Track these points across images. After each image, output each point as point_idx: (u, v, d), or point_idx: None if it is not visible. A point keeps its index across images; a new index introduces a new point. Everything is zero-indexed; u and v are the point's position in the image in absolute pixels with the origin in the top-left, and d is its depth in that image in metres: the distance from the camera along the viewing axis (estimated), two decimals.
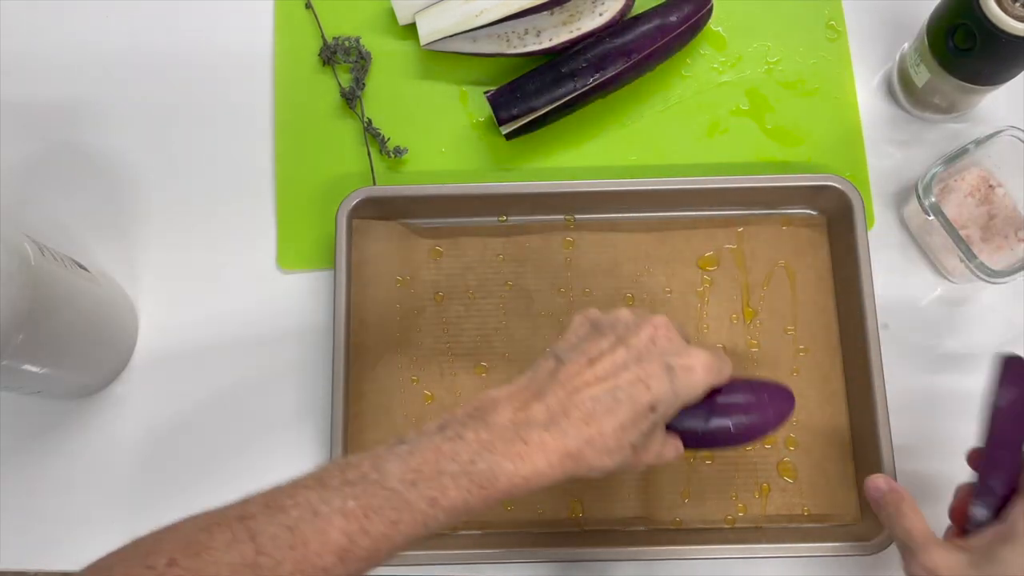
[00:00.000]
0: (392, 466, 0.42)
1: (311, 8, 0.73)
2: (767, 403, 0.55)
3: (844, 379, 0.64)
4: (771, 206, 0.68)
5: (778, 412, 0.55)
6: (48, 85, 0.72)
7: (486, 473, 0.42)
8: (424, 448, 0.43)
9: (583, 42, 0.68)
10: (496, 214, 0.68)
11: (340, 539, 0.40)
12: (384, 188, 0.67)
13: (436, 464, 0.42)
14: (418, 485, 0.41)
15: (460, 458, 0.42)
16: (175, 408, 0.65)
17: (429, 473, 0.42)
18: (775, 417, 0.55)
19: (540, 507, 0.62)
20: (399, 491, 0.41)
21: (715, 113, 0.71)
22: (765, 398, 0.55)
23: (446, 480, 0.42)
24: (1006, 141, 0.63)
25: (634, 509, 0.62)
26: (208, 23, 0.74)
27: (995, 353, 0.52)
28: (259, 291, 0.67)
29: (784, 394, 0.55)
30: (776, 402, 0.55)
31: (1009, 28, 0.57)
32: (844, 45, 0.73)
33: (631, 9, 0.70)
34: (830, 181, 0.65)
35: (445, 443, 0.43)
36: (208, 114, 0.71)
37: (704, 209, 0.68)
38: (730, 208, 0.68)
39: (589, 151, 0.70)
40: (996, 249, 0.66)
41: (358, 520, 0.40)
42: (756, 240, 0.67)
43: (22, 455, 0.64)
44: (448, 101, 0.72)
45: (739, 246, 0.67)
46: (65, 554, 0.62)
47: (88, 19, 0.73)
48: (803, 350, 0.65)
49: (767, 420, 0.55)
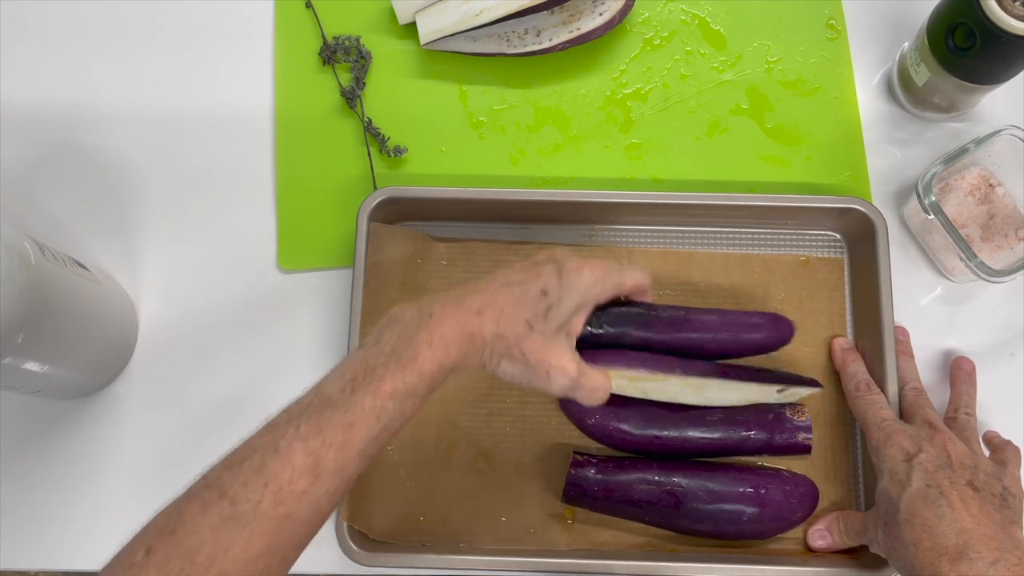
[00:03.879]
0: (328, 386, 0.46)
1: (311, 8, 0.73)
2: (785, 499, 0.60)
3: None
4: (792, 226, 0.67)
5: (803, 510, 0.61)
6: (48, 86, 0.72)
7: (406, 352, 0.47)
8: (352, 360, 0.47)
9: None
10: (515, 221, 0.67)
11: (306, 459, 0.42)
12: (405, 189, 0.66)
13: (365, 366, 0.46)
14: (357, 389, 0.45)
15: (383, 351, 0.47)
16: (175, 408, 0.65)
17: (362, 375, 0.45)
18: (794, 513, 0.60)
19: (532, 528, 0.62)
20: (342, 399, 0.45)
21: (715, 113, 0.71)
22: (789, 492, 0.60)
23: (379, 372, 0.46)
24: (1006, 140, 0.63)
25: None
26: (208, 23, 0.74)
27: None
28: (259, 291, 0.67)
29: (805, 490, 0.61)
30: (798, 499, 0.60)
31: (1009, 27, 0.57)
32: (844, 44, 0.73)
33: (631, 10, 0.70)
34: (854, 204, 0.65)
35: (368, 350, 0.47)
36: (208, 114, 0.71)
37: (724, 224, 0.67)
38: (750, 224, 0.67)
39: (589, 149, 0.71)
40: (996, 248, 0.66)
41: (315, 438, 0.43)
42: (774, 277, 0.66)
43: (22, 455, 0.64)
44: (448, 101, 0.72)
45: (758, 281, 0.66)
46: (65, 554, 0.62)
47: (87, 20, 0.73)
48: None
49: (786, 517, 0.60)
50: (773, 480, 0.60)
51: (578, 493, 0.60)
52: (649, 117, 0.71)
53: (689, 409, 0.61)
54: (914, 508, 0.52)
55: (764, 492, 0.60)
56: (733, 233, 0.67)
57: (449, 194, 0.66)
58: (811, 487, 0.61)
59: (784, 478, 0.61)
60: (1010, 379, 0.66)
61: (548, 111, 0.71)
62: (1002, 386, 0.65)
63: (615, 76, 0.72)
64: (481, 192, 0.66)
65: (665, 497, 0.59)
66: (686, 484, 0.60)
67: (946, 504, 0.51)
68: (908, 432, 0.57)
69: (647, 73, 0.72)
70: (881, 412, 0.59)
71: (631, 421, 0.61)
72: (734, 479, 0.60)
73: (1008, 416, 0.64)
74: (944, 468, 0.53)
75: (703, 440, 0.61)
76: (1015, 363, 0.66)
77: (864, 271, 0.65)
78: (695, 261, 0.67)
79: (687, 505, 0.59)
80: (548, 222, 0.67)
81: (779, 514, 0.60)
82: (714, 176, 0.70)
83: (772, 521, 0.60)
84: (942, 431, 0.57)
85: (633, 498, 0.60)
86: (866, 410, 0.59)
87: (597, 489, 0.60)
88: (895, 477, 0.54)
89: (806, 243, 0.67)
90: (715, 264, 0.67)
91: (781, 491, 0.60)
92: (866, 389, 0.61)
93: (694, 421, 0.61)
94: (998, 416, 0.64)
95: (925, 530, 0.51)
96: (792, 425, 0.61)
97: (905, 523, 0.52)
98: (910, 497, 0.52)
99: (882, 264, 0.63)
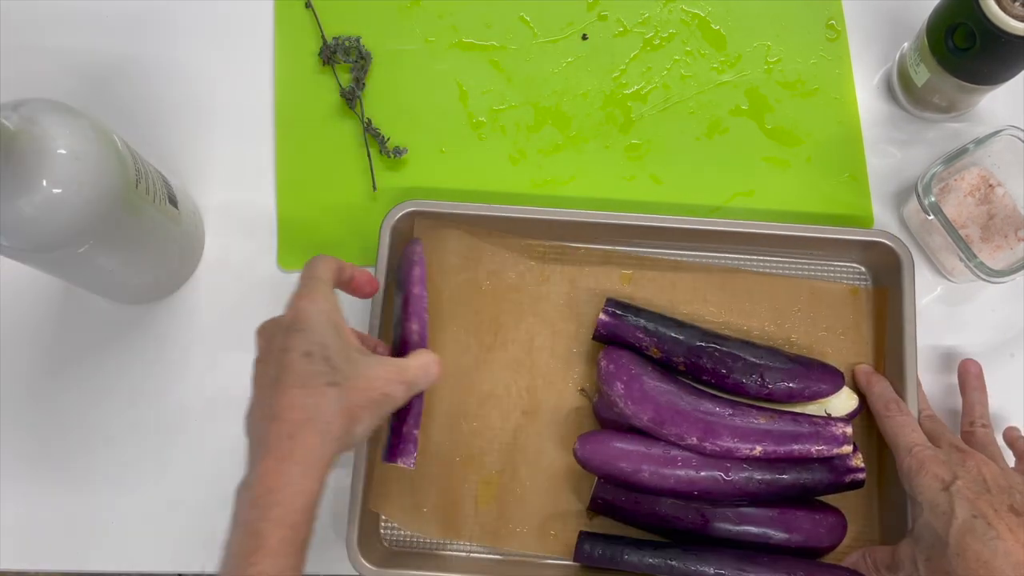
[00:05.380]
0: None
1: (311, 8, 0.73)
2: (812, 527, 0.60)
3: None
4: (816, 257, 0.66)
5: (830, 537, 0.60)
6: (46, 82, 0.72)
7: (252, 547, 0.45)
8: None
9: None
10: (542, 238, 0.66)
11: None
12: (433, 203, 0.65)
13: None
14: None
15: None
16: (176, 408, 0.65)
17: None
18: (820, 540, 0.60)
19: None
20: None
21: (715, 113, 0.71)
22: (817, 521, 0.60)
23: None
24: (1006, 141, 0.63)
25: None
26: (208, 23, 0.73)
27: None
28: (259, 291, 0.67)
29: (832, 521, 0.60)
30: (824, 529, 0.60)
31: (1009, 28, 0.57)
32: (844, 45, 0.73)
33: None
34: (881, 238, 0.64)
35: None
36: (208, 113, 0.71)
37: (750, 253, 0.67)
38: (775, 252, 0.67)
39: (589, 150, 0.71)
40: (996, 248, 0.66)
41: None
42: (812, 305, 0.66)
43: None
44: (448, 101, 0.72)
45: (797, 307, 0.66)
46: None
47: (87, 19, 0.73)
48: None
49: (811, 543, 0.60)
50: (802, 508, 0.60)
51: (605, 503, 0.60)
52: (649, 117, 0.71)
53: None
54: (965, 543, 0.51)
55: (792, 520, 0.59)
56: (746, 260, 0.67)
57: (478, 211, 0.65)
58: (839, 517, 0.60)
59: (813, 507, 0.60)
60: (1010, 379, 0.66)
61: (548, 111, 0.71)
62: (1002, 386, 0.65)
63: (615, 76, 0.72)
64: (514, 210, 0.65)
65: (692, 514, 0.59)
66: (713, 507, 0.59)
67: (996, 536, 0.50)
68: (940, 458, 0.56)
69: (647, 73, 0.72)
70: (912, 436, 0.58)
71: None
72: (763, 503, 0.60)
73: (1008, 416, 0.64)
74: (983, 494, 0.53)
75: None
76: (1015, 363, 0.66)
77: (888, 302, 0.64)
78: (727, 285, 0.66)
79: (713, 524, 0.59)
80: (572, 240, 0.67)
81: (807, 543, 0.59)
82: (714, 176, 0.70)
83: (800, 547, 0.59)
84: (971, 453, 0.56)
85: (660, 513, 0.59)
86: (896, 432, 0.58)
87: (624, 499, 0.60)
88: (936, 509, 0.53)
89: (825, 271, 0.67)
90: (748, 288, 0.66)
91: (810, 520, 0.59)
92: (896, 409, 0.59)
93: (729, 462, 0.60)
94: (998, 416, 0.64)
95: (980, 565, 0.50)
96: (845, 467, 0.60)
97: (956, 557, 0.51)
98: (958, 531, 0.51)
99: (907, 298, 0.62)
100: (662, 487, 0.58)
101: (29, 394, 0.65)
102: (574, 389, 0.64)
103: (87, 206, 0.51)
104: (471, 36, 0.73)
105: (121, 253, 0.57)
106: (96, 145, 0.51)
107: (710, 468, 0.58)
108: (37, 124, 0.49)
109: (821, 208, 0.69)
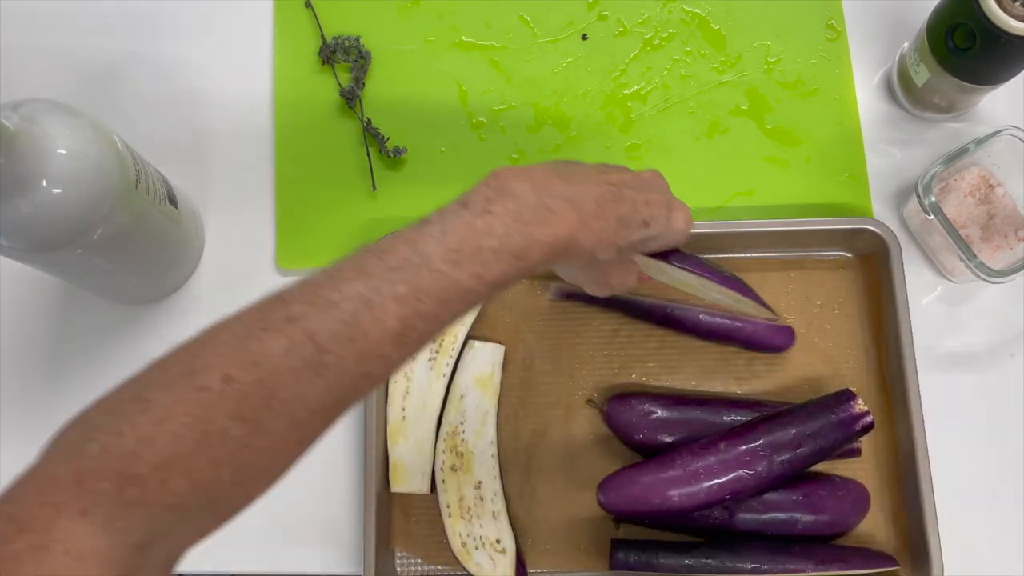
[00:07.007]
0: (431, 247, 0.41)
1: (311, 8, 0.73)
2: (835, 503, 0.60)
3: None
4: (805, 248, 0.67)
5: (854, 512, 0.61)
6: (46, 82, 0.72)
7: (521, 245, 0.43)
8: (455, 225, 0.42)
9: None
10: None
11: (396, 325, 0.40)
12: None
13: (474, 241, 0.42)
14: (462, 264, 0.41)
15: (495, 232, 0.42)
16: None
17: (470, 251, 0.42)
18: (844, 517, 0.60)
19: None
20: (445, 272, 0.41)
21: (715, 113, 0.71)
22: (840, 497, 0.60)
23: (487, 255, 0.42)
24: (1006, 141, 0.63)
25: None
26: (208, 23, 0.73)
27: None
28: (259, 291, 0.67)
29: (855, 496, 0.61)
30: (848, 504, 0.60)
31: (1009, 28, 0.57)
32: (844, 45, 0.73)
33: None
34: (867, 225, 0.64)
35: (477, 219, 0.43)
36: (208, 114, 0.71)
37: (736, 252, 0.67)
38: (764, 250, 0.67)
39: (589, 150, 0.70)
40: (996, 249, 0.66)
41: (411, 304, 0.40)
42: (802, 284, 0.66)
43: None
44: (448, 101, 0.72)
45: (789, 288, 0.66)
46: None
47: (87, 19, 0.73)
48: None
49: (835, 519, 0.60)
50: (825, 487, 0.60)
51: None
52: (649, 117, 0.71)
53: (736, 421, 0.61)
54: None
55: (817, 500, 0.59)
56: (743, 259, 0.67)
57: None
58: (862, 490, 0.61)
59: (836, 484, 0.61)
60: (1010, 379, 0.66)
61: (548, 111, 0.71)
62: (1002, 386, 0.65)
63: (615, 76, 0.72)
64: None
65: (719, 510, 0.59)
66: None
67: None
68: None
69: (647, 73, 0.72)
70: None
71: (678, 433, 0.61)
72: (786, 486, 0.60)
73: (1008, 416, 0.64)
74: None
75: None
76: (1015, 363, 0.66)
77: (878, 289, 0.65)
78: None
79: (739, 516, 0.59)
80: None
81: (834, 521, 0.59)
82: (714, 177, 0.70)
83: (827, 528, 0.60)
84: None
85: (688, 513, 0.59)
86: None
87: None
88: None
89: (813, 263, 0.67)
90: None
91: (834, 497, 0.60)
92: None
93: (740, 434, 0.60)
94: (998, 416, 0.64)
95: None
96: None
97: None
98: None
99: (897, 283, 0.63)
100: (694, 504, 0.58)
101: (29, 394, 0.65)
102: (581, 400, 0.65)
103: (87, 206, 0.51)
104: (471, 36, 0.73)
105: (121, 253, 0.57)
106: (96, 145, 0.51)
107: (733, 468, 0.58)
108: (37, 124, 0.49)
109: (821, 208, 0.69)
